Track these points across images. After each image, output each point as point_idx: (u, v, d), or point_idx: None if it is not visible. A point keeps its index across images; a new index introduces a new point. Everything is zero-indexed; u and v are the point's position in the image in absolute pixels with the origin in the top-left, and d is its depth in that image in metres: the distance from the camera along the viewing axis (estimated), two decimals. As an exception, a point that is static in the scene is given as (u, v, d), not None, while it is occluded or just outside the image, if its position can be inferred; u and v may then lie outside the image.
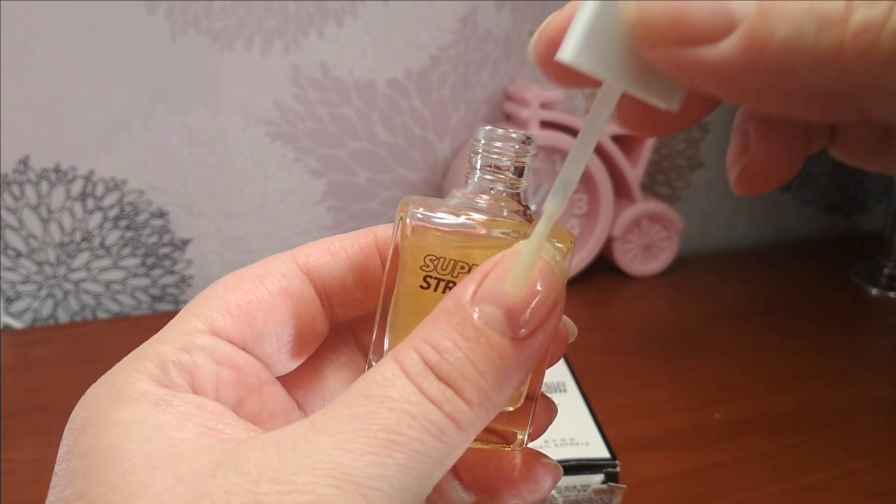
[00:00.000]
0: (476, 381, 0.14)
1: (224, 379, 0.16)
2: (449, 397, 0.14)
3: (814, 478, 0.37)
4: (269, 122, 0.53)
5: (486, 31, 0.55)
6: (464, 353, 0.14)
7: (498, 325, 0.14)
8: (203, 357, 0.16)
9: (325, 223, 0.57)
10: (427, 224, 0.17)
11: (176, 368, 0.16)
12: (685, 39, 0.11)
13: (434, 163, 0.58)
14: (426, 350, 0.14)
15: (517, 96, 0.55)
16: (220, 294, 0.17)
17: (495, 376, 0.14)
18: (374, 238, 0.19)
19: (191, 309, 0.17)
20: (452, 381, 0.14)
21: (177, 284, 0.55)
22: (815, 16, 0.10)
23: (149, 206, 0.53)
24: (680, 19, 0.11)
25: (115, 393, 0.15)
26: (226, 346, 0.17)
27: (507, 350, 0.14)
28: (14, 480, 0.36)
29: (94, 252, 0.53)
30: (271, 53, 0.52)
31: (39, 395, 0.43)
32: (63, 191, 0.51)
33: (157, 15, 0.49)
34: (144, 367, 0.16)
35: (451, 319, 0.14)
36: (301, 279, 0.18)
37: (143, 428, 0.14)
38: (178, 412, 0.15)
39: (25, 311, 0.53)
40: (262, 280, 0.18)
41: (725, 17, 0.11)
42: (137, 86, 0.50)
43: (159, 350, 0.16)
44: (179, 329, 0.17)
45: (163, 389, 0.15)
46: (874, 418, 0.42)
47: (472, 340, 0.14)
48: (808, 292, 0.58)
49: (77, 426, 0.15)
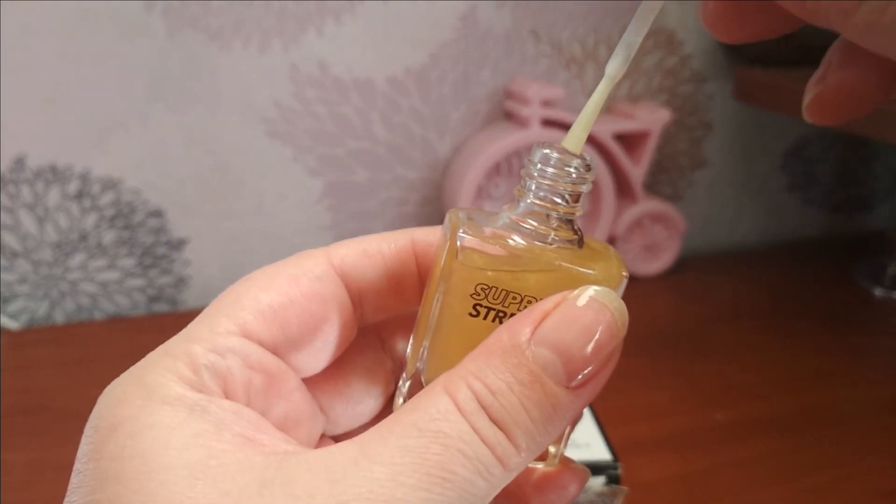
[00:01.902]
0: (527, 428, 0.14)
1: (255, 385, 0.16)
2: (500, 440, 0.14)
3: (817, 479, 0.37)
4: (267, 120, 0.53)
5: (487, 29, 0.55)
6: (518, 397, 0.14)
7: (554, 372, 0.14)
8: (236, 361, 0.16)
9: (324, 222, 0.56)
10: (477, 248, 0.16)
11: (209, 372, 0.15)
12: None
13: (434, 162, 0.57)
14: (480, 388, 0.14)
15: (518, 94, 0.54)
16: (253, 293, 0.17)
17: (545, 423, 0.14)
18: (411, 242, 0.19)
19: (222, 307, 0.17)
20: (505, 425, 0.14)
21: (174, 285, 0.55)
22: None
23: (145, 205, 0.53)
24: None
25: (148, 394, 0.15)
26: (258, 349, 0.16)
27: (560, 398, 0.14)
28: (11, 482, 0.35)
29: (91, 252, 0.53)
30: (269, 51, 0.51)
31: (36, 396, 0.43)
32: (59, 190, 0.51)
33: (153, 13, 0.48)
34: (176, 367, 0.15)
35: (506, 359, 0.14)
36: (335, 282, 0.18)
37: (181, 435, 0.14)
38: (215, 419, 0.14)
39: (22, 312, 0.53)
40: (297, 281, 0.17)
41: None
42: (134, 84, 0.50)
43: (190, 350, 0.16)
44: (210, 328, 0.16)
45: (197, 394, 0.15)
46: (877, 419, 0.42)
47: (527, 386, 0.14)
48: (811, 293, 0.58)
49: (105, 425, 0.15)
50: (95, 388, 0.52)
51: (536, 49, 0.57)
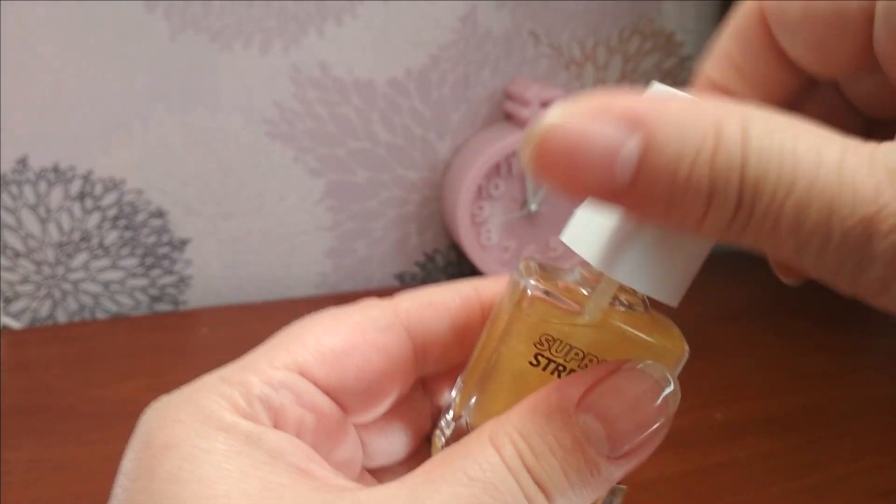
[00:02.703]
0: (565, 491, 0.14)
1: (307, 423, 0.16)
2: (541, 501, 0.14)
3: (815, 478, 0.37)
4: (268, 121, 0.53)
5: (487, 31, 0.55)
6: (559, 462, 0.14)
7: (598, 441, 0.14)
8: (289, 398, 0.16)
9: (325, 223, 0.57)
10: (547, 300, 0.16)
11: (262, 404, 0.16)
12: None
13: (434, 162, 0.58)
14: (523, 448, 0.14)
15: (517, 96, 0.55)
16: (317, 334, 0.17)
17: (584, 489, 0.14)
18: (476, 293, 0.19)
19: (283, 342, 0.17)
20: (545, 487, 0.14)
21: (175, 284, 0.55)
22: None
23: (147, 205, 0.53)
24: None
25: (203, 418, 0.15)
26: (312, 389, 0.16)
27: (601, 468, 0.14)
28: (12, 481, 0.36)
29: (93, 252, 0.53)
30: (270, 53, 0.51)
31: (38, 396, 0.43)
32: (61, 190, 0.51)
33: (155, 14, 0.49)
34: (231, 395, 0.15)
35: (551, 420, 0.14)
36: (400, 335, 0.18)
37: (239, 463, 0.14)
38: (270, 450, 0.15)
39: (24, 312, 0.53)
40: (362, 329, 0.17)
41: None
42: (136, 85, 0.50)
43: (246, 380, 0.16)
44: (269, 361, 0.16)
45: (250, 424, 0.15)
46: (876, 419, 0.42)
47: (570, 452, 0.14)
48: (810, 293, 0.58)
49: (158, 444, 0.15)
50: (97, 387, 0.52)
51: (536, 50, 0.57)
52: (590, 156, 0.12)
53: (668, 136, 0.12)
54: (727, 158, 0.11)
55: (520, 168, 0.55)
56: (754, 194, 0.11)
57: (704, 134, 0.12)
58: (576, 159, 0.12)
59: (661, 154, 0.12)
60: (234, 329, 0.52)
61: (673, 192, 0.12)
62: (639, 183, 0.12)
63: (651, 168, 0.12)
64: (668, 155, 0.12)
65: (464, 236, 0.54)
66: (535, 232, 0.57)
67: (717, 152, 0.11)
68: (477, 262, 0.55)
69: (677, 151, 0.12)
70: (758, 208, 0.11)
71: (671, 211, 0.12)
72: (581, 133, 0.12)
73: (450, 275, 0.61)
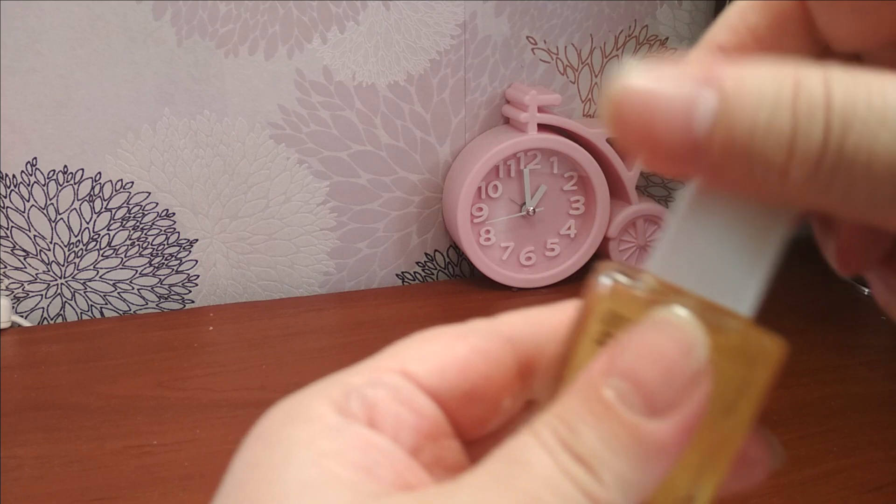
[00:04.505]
0: (608, 462, 0.13)
1: (404, 420, 0.16)
2: (581, 474, 0.13)
3: (807, 473, 0.37)
4: (273, 125, 0.54)
5: (486, 36, 0.56)
6: (594, 431, 0.13)
7: (629, 401, 0.13)
8: (386, 394, 0.16)
9: (328, 224, 0.58)
10: (624, 287, 0.16)
11: (357, 399, 0.16)
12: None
13: (434, 165, 0.58)
14: (558, 426, 0.14)
15: (516, 100, 0.56)
16: (418, 343, 0.17)
17: (629, 457, 0.13)
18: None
19: (388, 351, 0.17)
20: (585, 459, 0.13)
21: (183, 284, 0.56)
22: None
23: (155, 207, 0.54)
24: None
25: (294, 410, 0.16)
26: (412, 388, 0.16)
27: (642, 428, 0.13)
28: (21, 476, 0.36)
29: (102, 252, 0.54)
30: (275, 58, 0.53)
31: (47, 393, 0.43)
32: (71, 192, 0.52)
33: (163, 20, 0.50)
34: (329, 391, 0.16)
35: (580, 395, 0.14)
36: (502, 344, 0.17)
37: (307, 452, 0.14)
38: (345, 443, 0.15)
39: (34, 310, 0.54)
40: (463, 337, 0.17)
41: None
42: (144, 89, 0.51)
43: (348, 380, 0.16)
44: (373, 366, 0.17)
45: (338, 416, 0.15)
46: (866, 415, 0.42)
47: (602, 418, 0.13)
48: (801, 291, 0.58)
49: (252, 435, 0.15)
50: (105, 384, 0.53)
51: (534, 55, 0.58)
52: (667, 112, 0.12)
53: (745, 87, 0.11)
54: (809, 96, 0.11)
55: (518, 170, 0.56)
56: (843, 127, 0.11)
57: (783, 81, 0.11)
58: (652, 117, 0.12)
59: (739, 104, 0.11)
60: (240, 327, 0.52)
61: (753, 138, 0.11)
62: (716, 134, 0.11)
63: (728, 118, 0.11)
64: (746, 103, 0.11)
65: (464, 236, 0.55)
66: (532, 232, 0.58)
67: (798, 93, 0.11)
68: (476, 262, 0.56)
69: (756, 100, 0.11)
70: (848, 143, 0.11)
71: (752, 163, 0.11)
72: (656, 90, 0.12)
73: (450, 274, 0.62)
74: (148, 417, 0.41)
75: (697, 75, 0.12)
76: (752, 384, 0.15)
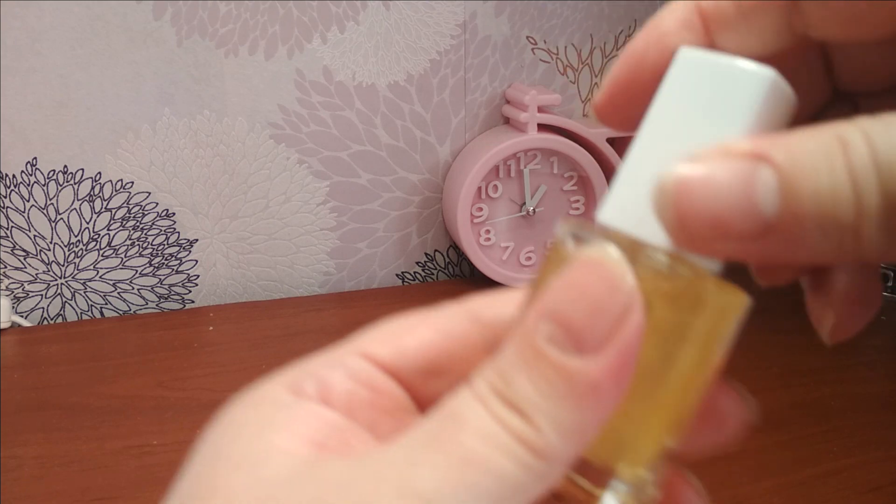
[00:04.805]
0: (541, 406, 0.13)
1: (359, 396, 0.16)
2: (515, 421, 0.13)
3: (807, 473, 0.37)
4: (273, 125, 0.54)
5: (486, 36, 0.56)
6: (526, 376, 0.13)
7: (558, 341, 0.13)
8: (342, 373, 0.16)
9: (328, 224, 0.58)
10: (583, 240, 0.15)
11: (312, 380, 0.16)
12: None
13: (434, 165, 0.59)
14: (493, 377, 0.14)
15: (516, 100, 0.56)
16: (381, 327, 0.18)
17: (563, 399, 0.13)
18: None
19: (351, 337, 0.18)
20: (519, 406, 0.13)
21: (183, 283, 0.56)
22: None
23: (155, 207, 0.54)
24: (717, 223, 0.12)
25: (250, 396, 0.16)
26: (370, 368, 0.17)
27: (573, 368, 0.13)
28: (21, 476, 0.36)
29: (102, 252, 0.54)
30: (275, 58, 0.53)
31: (47, 392, 0.43)
32: (71, 192, 0.52)
33: (163, 20, 0.50)
34: (285, 377, 0.16)
35: (513, 342, 0.14)
36: (462, 320, 0.17)
37: (254, 429, 0.15)
38: (293, 418, 0.15)
39: (34, 310, 0.54)
40: (424, 317, 0.18)
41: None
42: (144, 89, 0.51)
43: (307, 366, 0.17)
44: (334, 352, 0.17)
45: (289, 396, 0.16)
46: (867, 415, 0.42)
47: (532, 363, 0.13)
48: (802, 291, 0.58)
49: (212, 423, 0.16)
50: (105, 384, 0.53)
51: (534, 55, 0.58)
52: (728, 196, 0.12)
53: (797, 157, 0.12)
54: (858, 153, 0.11)
55: (518, 170, 0.56)
56: (892, 173, 0.11)
57: (829, 144, 0.12)
58: (716, 203, 0.12)
59: (798, 174, 0.11)
60: (239, 326, 0.52)
61: (821, 206, 0.11)
62: (785, 209, 0.12)
63: (792, 190, 0.12)
64: (804, 173, 0.11)
65: (463, 236, 0.55)
66: (532, 232, 0.58)
67: (847, 152, 0.11)
68: (476, 262, 0.56)
69: (812, 167, 0.11)
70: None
71: (825, 230, 0.12)
72: (712, 177, 0.12)
73: (450, 274, 0.62)
74: (148, 417, 0.41)
75: (742, 153, 0.12)
76: (694, 330, 0.14)
